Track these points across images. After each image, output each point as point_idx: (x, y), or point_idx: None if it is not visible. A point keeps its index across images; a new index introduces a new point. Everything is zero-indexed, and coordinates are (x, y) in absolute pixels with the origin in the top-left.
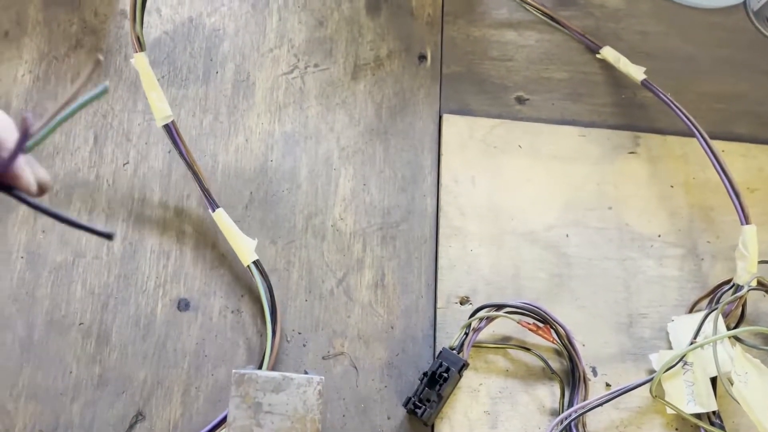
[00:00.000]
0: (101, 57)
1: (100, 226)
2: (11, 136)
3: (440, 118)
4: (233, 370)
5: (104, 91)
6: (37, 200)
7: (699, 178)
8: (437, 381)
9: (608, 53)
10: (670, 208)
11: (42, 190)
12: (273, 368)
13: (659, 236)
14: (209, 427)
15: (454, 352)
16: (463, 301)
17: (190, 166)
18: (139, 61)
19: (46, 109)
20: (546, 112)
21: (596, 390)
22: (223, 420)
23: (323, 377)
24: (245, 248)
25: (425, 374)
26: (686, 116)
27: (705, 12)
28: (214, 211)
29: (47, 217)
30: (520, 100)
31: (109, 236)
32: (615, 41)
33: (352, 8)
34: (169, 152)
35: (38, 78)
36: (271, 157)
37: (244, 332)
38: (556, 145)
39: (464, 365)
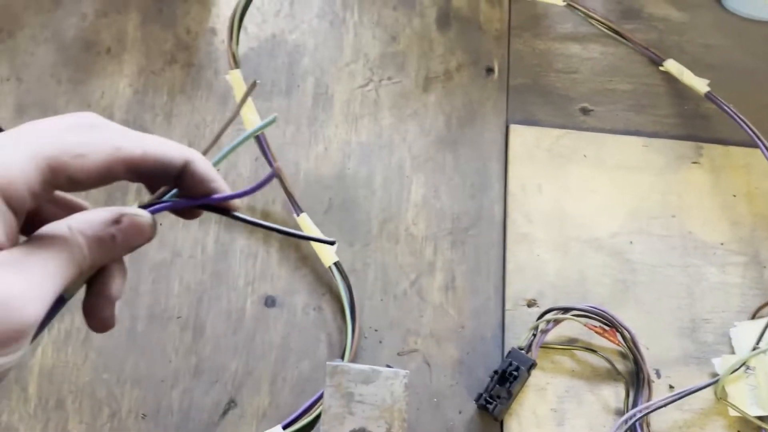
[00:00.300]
0: (257, 81)
1: (323, 237)
2: (202, 159)
3: (507, 128)
4: (327, 362)
5: (273, 121)
6: (253, 218)
7: (761, 187)
8: (507, 379)
9: (671, 66)
10: (732, 217)
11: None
12: (352, 362)
13: (722, 244)
14: (301, 409)
15: (523, 352)
16: (531, 304)
17: (277, 173)
18: (234, 77)
19: (146, 120)
20: (610, 123)
21: (660, 391)
22: (312, 405)
23: (408, 371)
24: (326, 250)
25: (496, 372)
26: (749, 127)
27: (766, 25)
28: (298, 215)
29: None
30: (585, 111)
31: (332, 243)
32: (678, 54)
33: (423, 24)
34: (256, 160)
35: (137, 91)
36: (348, 165)
37: (325, 328)
38: (620, 155)
39: (533, 365)
